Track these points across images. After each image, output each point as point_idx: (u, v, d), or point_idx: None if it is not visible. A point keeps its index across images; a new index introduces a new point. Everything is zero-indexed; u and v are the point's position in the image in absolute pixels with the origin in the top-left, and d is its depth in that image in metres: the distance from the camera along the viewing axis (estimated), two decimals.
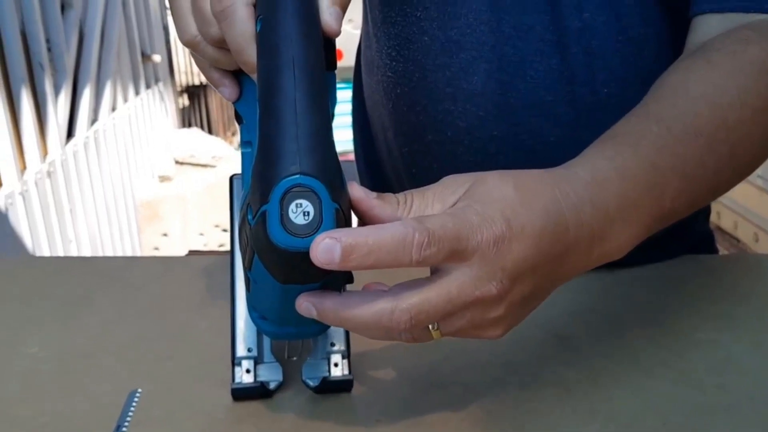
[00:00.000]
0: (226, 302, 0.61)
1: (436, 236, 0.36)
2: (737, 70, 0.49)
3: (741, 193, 2.57)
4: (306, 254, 0.35)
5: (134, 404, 0.48)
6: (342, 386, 0.47)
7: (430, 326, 0.38)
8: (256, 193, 0.36)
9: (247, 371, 0.47)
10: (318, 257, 0.35)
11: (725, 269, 0.67)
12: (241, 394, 0.47)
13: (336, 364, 0.47)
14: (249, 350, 0.47)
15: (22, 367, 0.52)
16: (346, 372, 0.47)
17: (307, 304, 0.38)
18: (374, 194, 0.39)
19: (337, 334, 0.47)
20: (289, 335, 0.45)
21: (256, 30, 0.41)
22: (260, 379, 0.47)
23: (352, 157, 0.82)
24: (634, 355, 0.52)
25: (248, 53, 0.41)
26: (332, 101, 0.42)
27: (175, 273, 0.68)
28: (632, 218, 0.43)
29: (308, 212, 0.35)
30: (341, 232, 0.35)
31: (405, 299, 0.37)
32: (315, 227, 0.35)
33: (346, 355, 0.47)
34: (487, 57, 0.61)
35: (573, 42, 0.60)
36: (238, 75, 0.46)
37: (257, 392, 0.47)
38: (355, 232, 0.35)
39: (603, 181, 0.42)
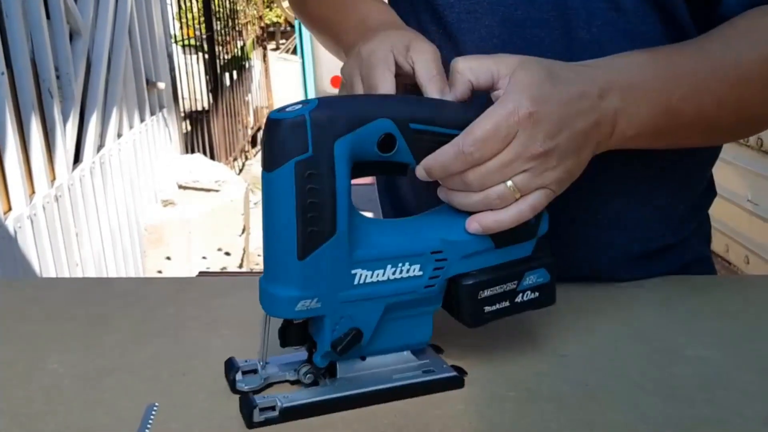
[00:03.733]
0: (236, 321, 0.64)
1: (479, 137, 0.48)
2: (753, 29, 0.58)
3: (732, 217, 2.61)
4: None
5: (152, 417, 0.50)
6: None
7: (509, 184, 0.49)
8: None
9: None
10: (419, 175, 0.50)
11: (715, 289, 0.70)
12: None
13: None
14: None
15: (44, 384, 0.55)
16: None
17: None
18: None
19: None
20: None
21: None
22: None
23: (371, 180, 0.84)
24: (628, 371, 0.55)
25: None
26: None
27: (188, 293, 0.71)
28: (642, 98, 0.53)
29: None
30: (426, 161, 0.49)
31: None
32: None
33: None
34: None
35: (580, 54, 0.63)
36: None
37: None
38: (430, 159, 0.49)
39: (615, 61, 0.55)
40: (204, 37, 4.58)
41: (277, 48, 8.97)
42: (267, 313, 0.49)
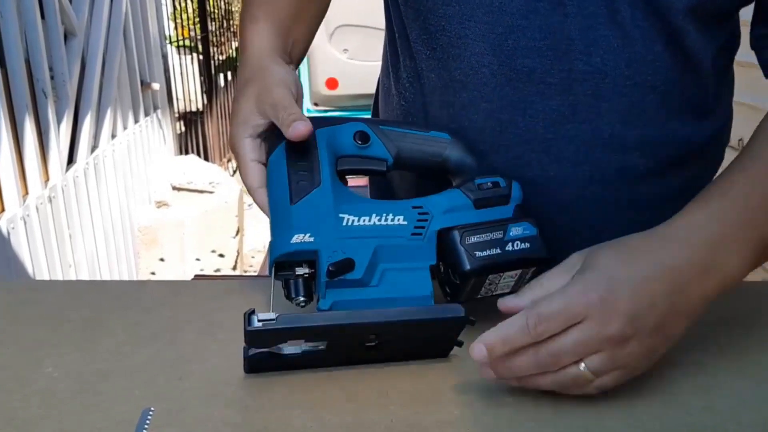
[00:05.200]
0: (233, 324, 0.64)
1: (544, 315, 0.47)
2: None
3: None
4: None
5: (148, 422, 0.50)
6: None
7: (582, 367, 0.48)
8: None
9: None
10: (475, 356, 0.48)
11: None
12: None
13: None
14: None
15: (40, 387, 0.55)
16: None
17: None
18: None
19: None
20: None
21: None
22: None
23: (364, 182, 0.84)
24: None
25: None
26: None
27: (183, 297, 0.71)
28: (732, 249, 0.52)
29: None
30: (487, 336, 0.48)
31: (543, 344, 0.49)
32: None
33: None
34: (488, 97, 0.65)
35: (578, 84, 0.62)
36: None
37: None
38: (492, 334, 0.48)
39: (692, 221, 0.53)
40: (199, 37, 4.57)
41: None
42: (272, 258, 0.56)
